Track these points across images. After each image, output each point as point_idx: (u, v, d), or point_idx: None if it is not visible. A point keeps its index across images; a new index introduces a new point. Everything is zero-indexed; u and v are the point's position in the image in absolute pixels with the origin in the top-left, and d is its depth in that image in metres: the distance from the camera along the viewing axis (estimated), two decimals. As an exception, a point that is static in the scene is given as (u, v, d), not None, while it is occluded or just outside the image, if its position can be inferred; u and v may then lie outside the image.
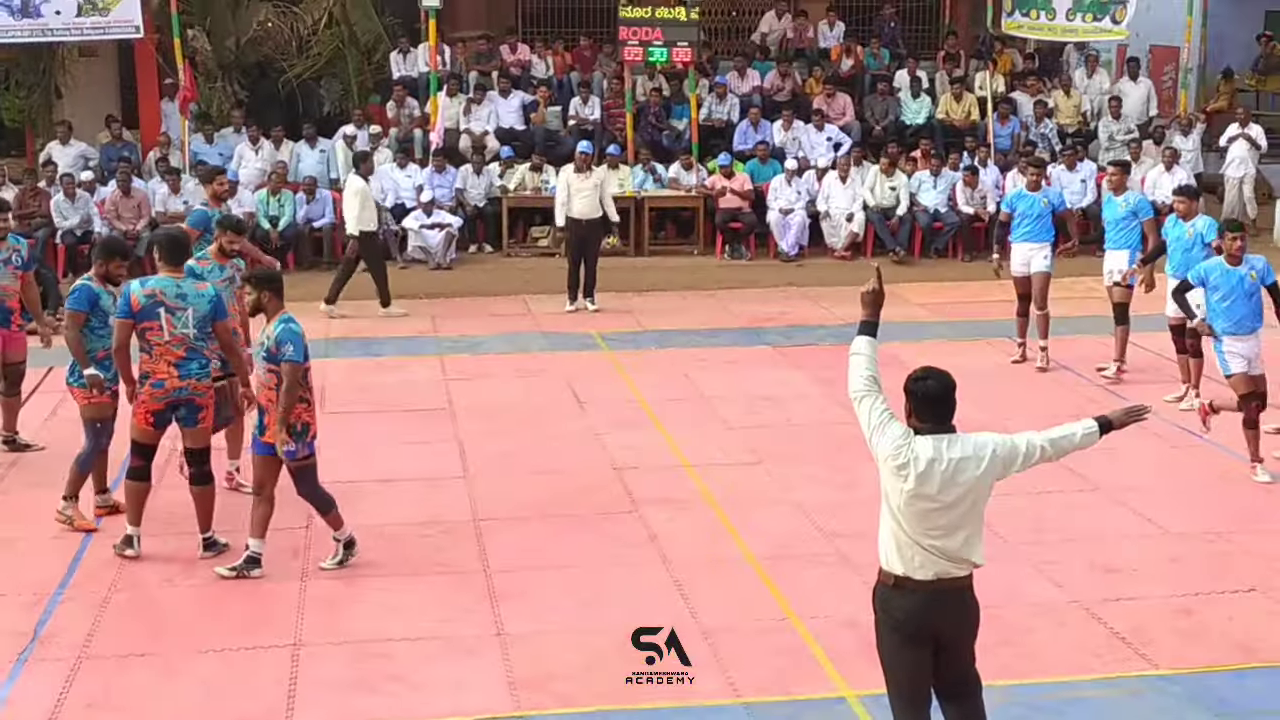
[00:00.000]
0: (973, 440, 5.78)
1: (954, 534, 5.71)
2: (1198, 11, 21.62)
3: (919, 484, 5.68)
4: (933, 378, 5.83)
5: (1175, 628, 7.91)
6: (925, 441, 5.73)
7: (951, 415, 5.79)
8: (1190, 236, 11.73)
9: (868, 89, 21.21)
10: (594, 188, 15.97)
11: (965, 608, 5.86)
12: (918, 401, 5.81)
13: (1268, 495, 9.98)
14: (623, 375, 13.34)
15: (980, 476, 5.72)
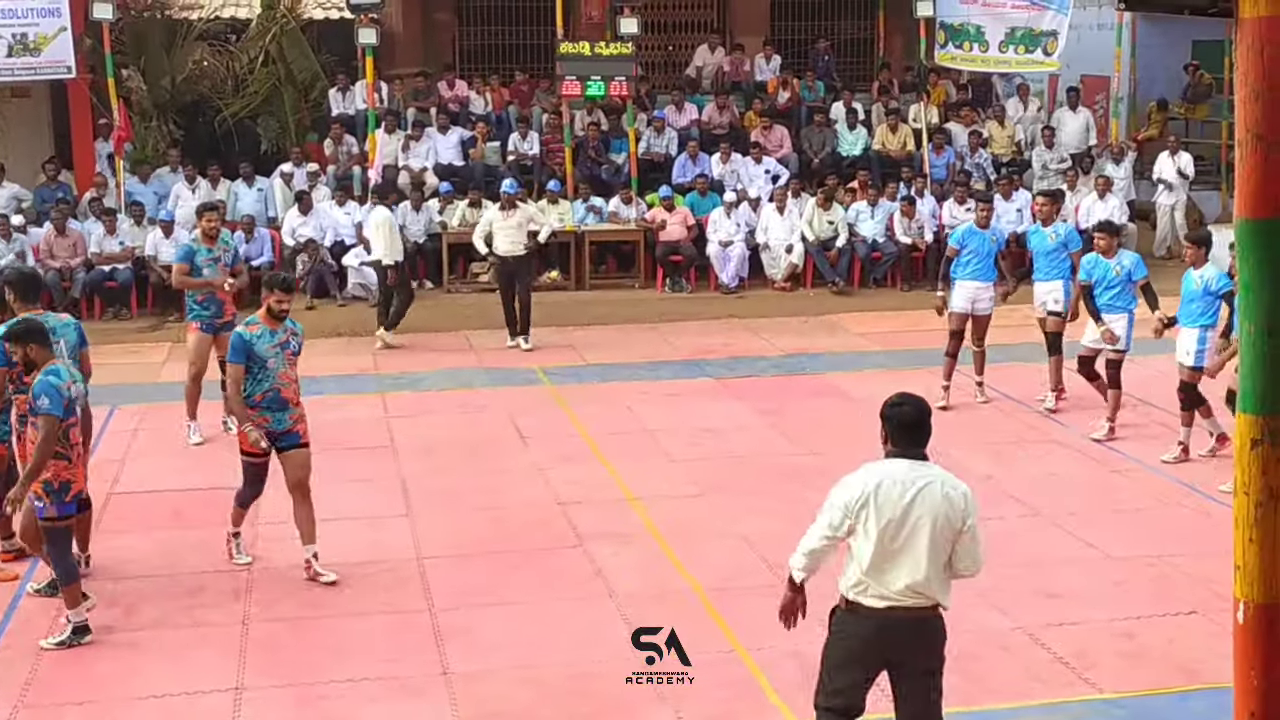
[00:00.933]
0: (945, 475, 5.80)
1: (909, 565, 5.69)
2: (1126, 42, 22.03)
3: (878, 508, 5.69)
4: (909, 403, 5.85)
5: (1118, 651, 7.97)
6: (892, 464, 5.78)
7: (926, 441, 5.83)
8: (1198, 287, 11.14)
9: (804, 121, 21.38)
10: (518, 226, 15.91)
11: (921, 636, 5.85)
12: (894, 427, 5.84)
13: (1206, 518, 10.09)
14: (565, 409, 13.33)
15: (944, 512, 5.69)
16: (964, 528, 5.72)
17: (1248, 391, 3.64)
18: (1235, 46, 3.49)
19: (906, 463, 5.77)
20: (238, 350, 8.91)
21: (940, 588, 5.78)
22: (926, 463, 5.79)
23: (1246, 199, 3.55)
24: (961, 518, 5.71)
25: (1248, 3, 3.38)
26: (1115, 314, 11.87)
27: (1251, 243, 3.59)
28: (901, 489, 5.70)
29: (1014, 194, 19.05)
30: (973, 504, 5.78)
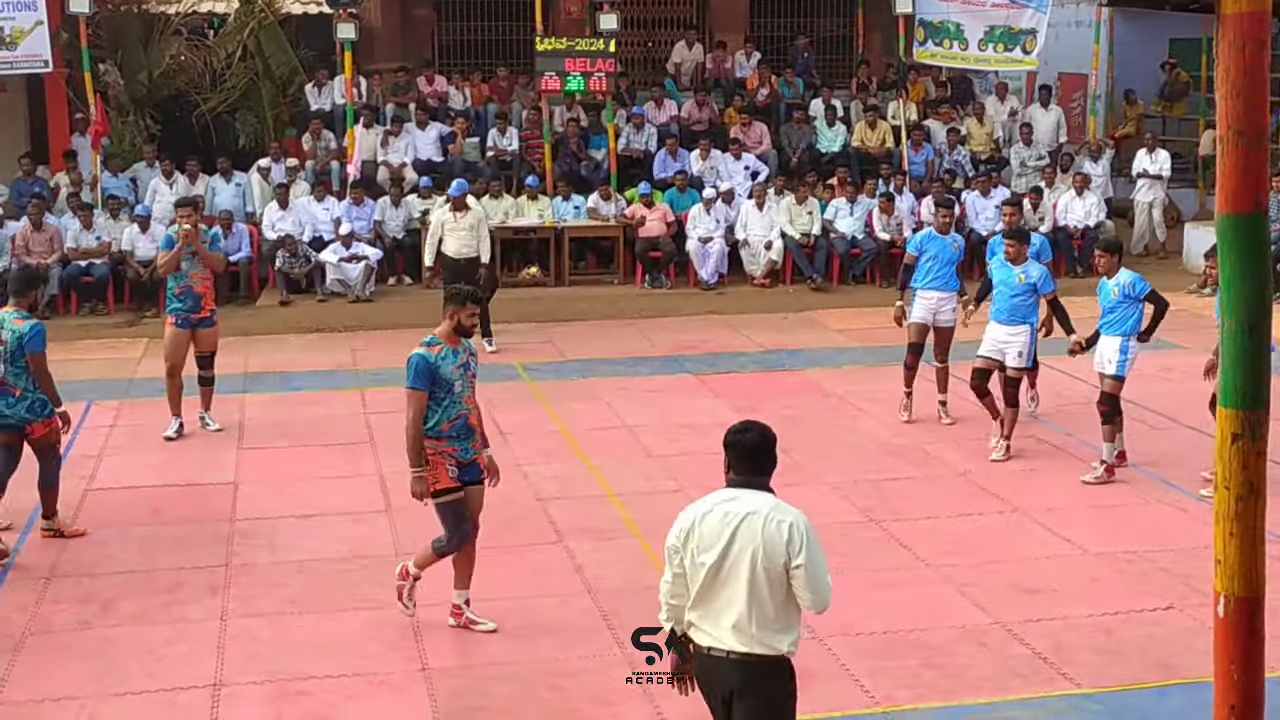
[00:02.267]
0: (776, 506, 5.35)
1: (734, 604, 5.29)
2: (1104, 40, 22.09)
3: (700, 542, 5.35)
4: (751, 431, 5.51)
5: (1095, 647, 7.99)
6: (723, 494, 5.42)
7: (767, 471, 5.45)
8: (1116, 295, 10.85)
9: (783, 118, 21.41)
10: (469, 228, 15.43)
11: (749, 685, 5.34)
12: (734, 455, 5.45)
13: (1182, 514, 10.14)
14: (545, 406, 13.32)
15: (765, 546, 5.24)
16: (791, 562, 5.23)
17: (1228, 386, 3.65)
18: (1217, 43, 3.50)
19: (738, 493, 5.37)
20: (421, 375, 8.10)
21: (773, 630, 5.30)
22: (762, 493, 5.36)
23: (1228, 194, 3.56)
24: (785, 552, 5.22)
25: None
26: (1016, 325, 11.41)
27: (1232, 238, 3.60)
28: (723, 522, 5.31)
29: (993, 191, 19.11)
30: (802, 535, 5.25)
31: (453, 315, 8.34)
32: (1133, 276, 10.91)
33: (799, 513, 5.35)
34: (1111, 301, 10.87)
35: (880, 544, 9.61)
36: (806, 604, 5.31)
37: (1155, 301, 10.78)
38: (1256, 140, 3.50)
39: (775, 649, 5.32)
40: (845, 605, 8.47)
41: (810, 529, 5.31)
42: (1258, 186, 3.55)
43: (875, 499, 10.52)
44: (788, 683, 5.44)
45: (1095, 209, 19.46)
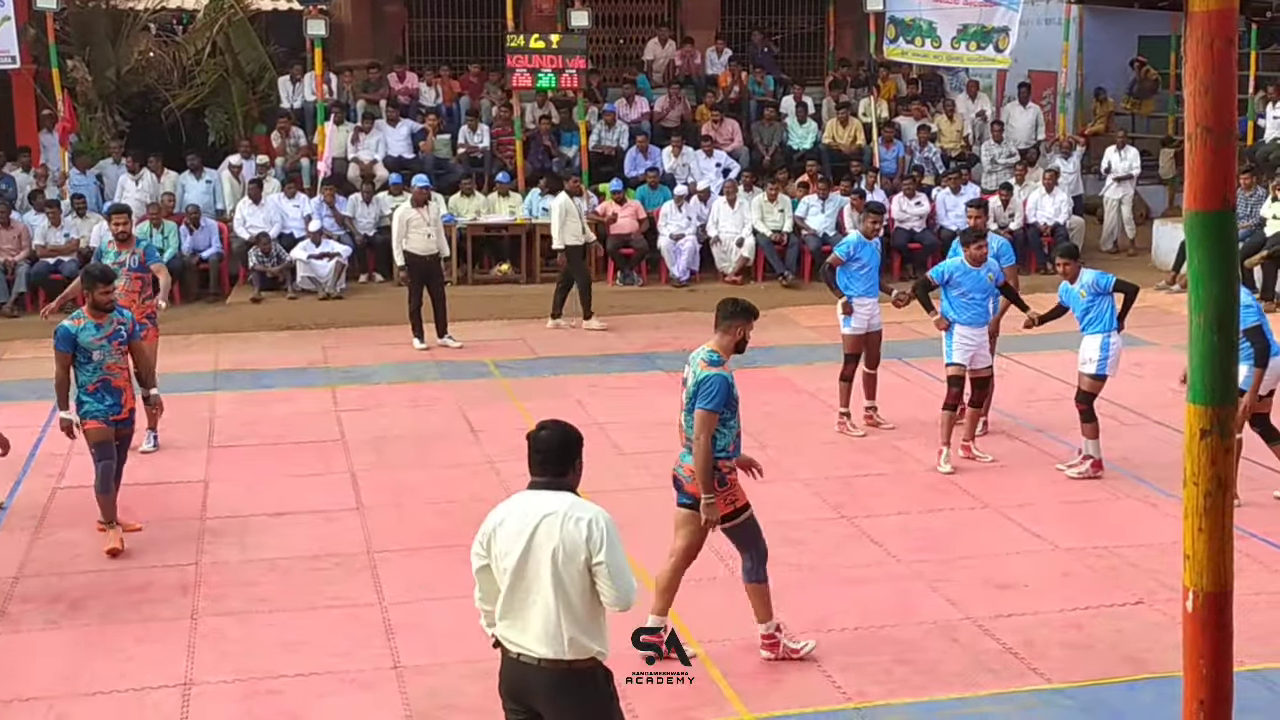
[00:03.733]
0: (575, 504, 5.24)
1: (540, 607, 5.18)
2: (1074, 37, 22.18)
3: (501, 545, 5.26)
4: (548, 429, 5.37)
5: (1066, 641, 8.02)
6: (523, 495, 5.31)
7: (566, 470, 5.32)
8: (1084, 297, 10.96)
9: (755, 115, 21.43)
10: (432, 223, 15.44)
11: (562, 693, 5.24)
12: (532, 454, 5.32)
13: (1152, 510, 10.19)
14: (516, 403, 13.30)
15: (565, 545, 5.14)
16: (592, 559, 5.12)
17: (1196, 383, 3.67)
18: (1185, 40, 3.51)
19: (538, 494, 5.26)
20: (719, 395, 7.49)
21: (585, 633, 5.20)
22: (561, 492, 5.24)
23: (1196, 191, 3.57)
24: (586, 549, 5.11)
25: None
26: (983, 327, 11.44)
27: (1201, 235, 3.61)
28: (522, 523, 5.20)
29: (964, 188, 19.18)
30: (602, 532, 5.13)
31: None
32: (1094, 274, 11.05)
33: (599, 509, 5.24)
34: (1083, 303, 10.95)
35: (851, 540, 9.63)
36: (609, 601, 5.18)
37: (1123, 289, 10.93)
38: (1224, 137, 3.52)
39: (588, 651, 5.22)
40: (817, 601, 8.54)
41: (610, 525, 5.18)
42: (1225, 183, 3.57)
43: (846, 495, 10.54)
44: (605, 686, 5.34)
45: (1065, 206, 19.54)
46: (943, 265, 11.71)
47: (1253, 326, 9.80)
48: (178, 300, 17.73)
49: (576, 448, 5.38)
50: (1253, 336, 9.76)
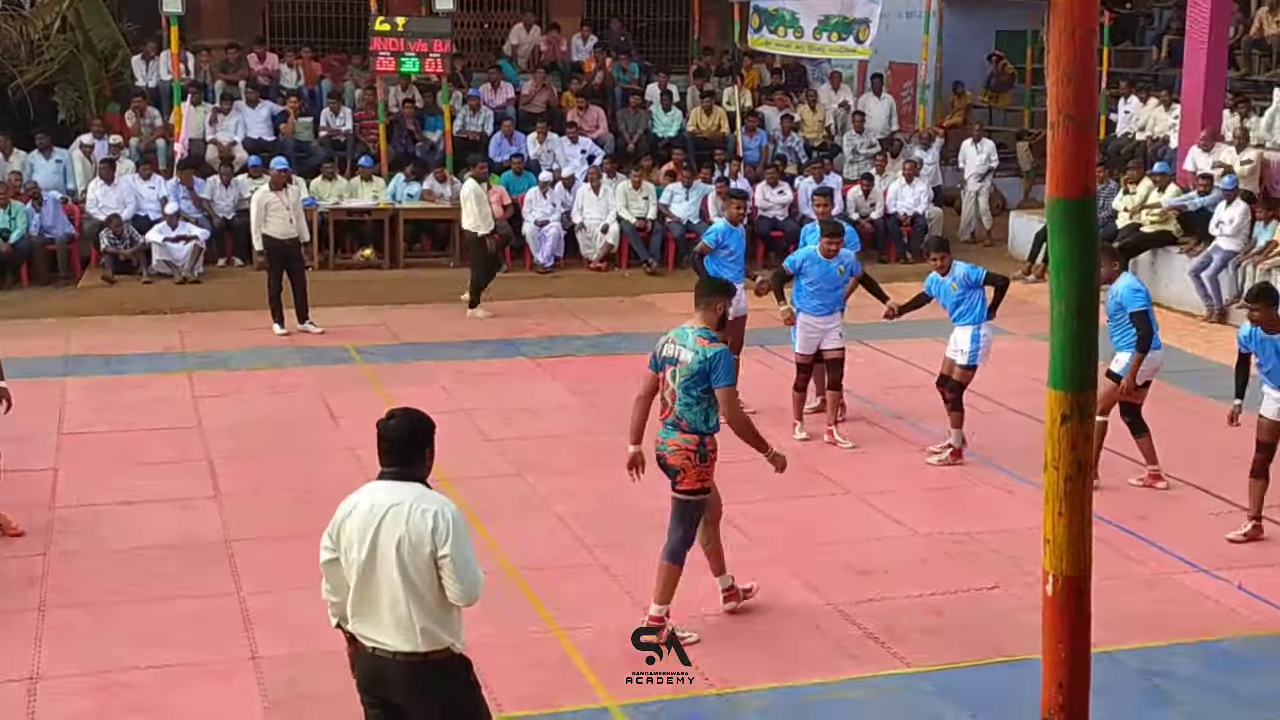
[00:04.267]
0: (423, 494, 5.16)
1: (389, 599, 5.11)
2: (934, 31, 22.54)
3: (349, 537, 5.17)
4: (396, 418, 5.25)
5: (925, 626, 8.13)
6: (371, 486, 5.23)
7: (414, 460, 5.22)
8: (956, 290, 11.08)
9: (620, 102, 21.42)
10: (292, 206, 15.17)
11: (418, 685, 5.18)
12: (379, 443, 5.22)
13: (1009, 496, 10.37)
14: (379, 389, 13.12)
15: (411, 537, 5.06)
16: (438, 552, 5.05)
17: (1057, 369, 3.71)
18: (1046, 31, 3.55)
19: (386, 484, 5.17)
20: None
21: (437, 624, 5.13)
22: (408, 483, 5.15)
23: (1058, 179, 3.61)
24: (431, 541, 5.04)
25: (1061, -14, 3.45)
26: (832, 315, 11.56)
27: (1063, 222, 3.65)
28: (370, 515, 5.12)
29: (825, 177, 19.36)
30: (450, 524, 5.06)
31: None
32: (965, 267, 11.22)
33: (445, 500, 5.17)
34: (954, 296, 11.12)
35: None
36: (454, 596, 5.10)
37: (993, 282, 11.11)
38: (1086, 125, 3.57)
39: (442, 643, 5.15)
40: (682, 588, 8.51)
41: (458, 517, 5.11)
42: (1087, 171, 3.61)
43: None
44: (465, 675, 5.29)
45: (924, 196, 19.83)
46: (797, 254, 11.84)
47: (1139, 311, 10.07)
48: (25, 282, 17.28)
49: (426, 437, 5.26)
50: (1138, 321, 10.03)
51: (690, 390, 7.61)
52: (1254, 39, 20.31)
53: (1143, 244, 17.04)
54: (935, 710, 7.15)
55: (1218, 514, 9.92)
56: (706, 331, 7.76)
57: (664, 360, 7.81)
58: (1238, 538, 9.37)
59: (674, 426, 7.70)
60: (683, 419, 7.65)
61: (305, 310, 15.39)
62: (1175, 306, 16.38)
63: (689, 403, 7.62)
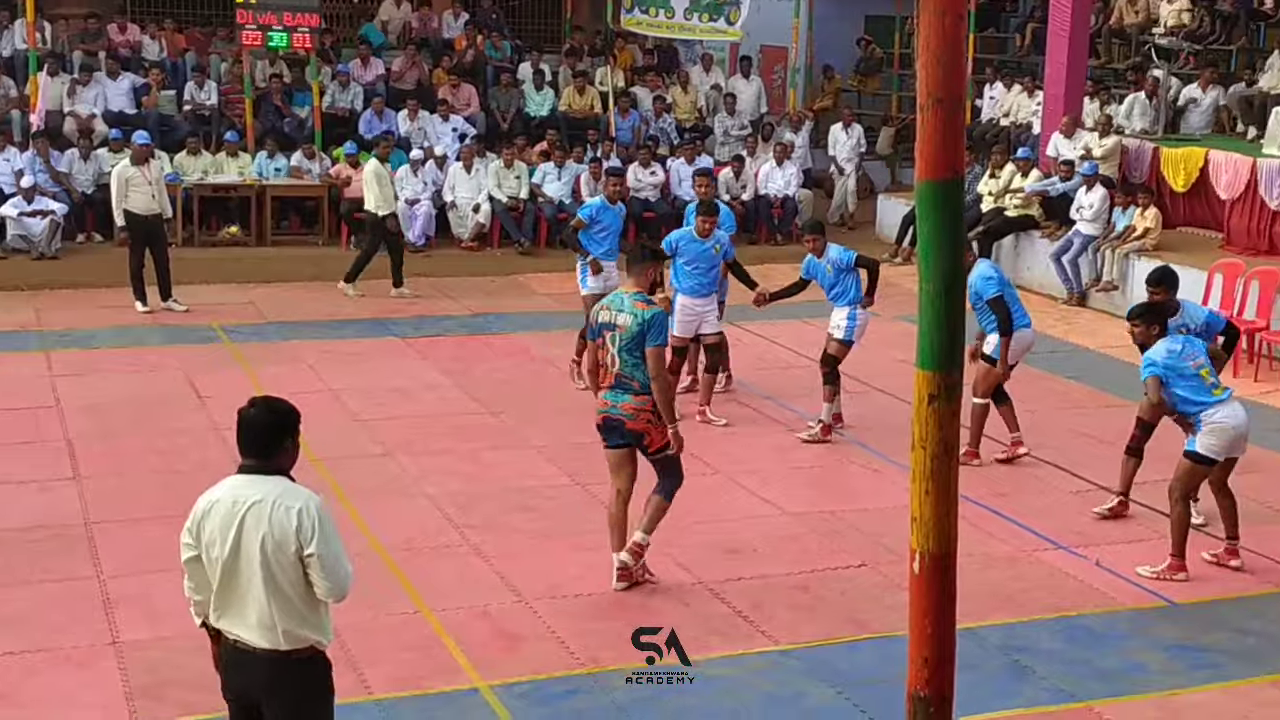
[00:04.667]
0: (286, 489, 5.00)
1: (254, 596, 4.99)
2: (804, 14, 22.73)
3: (209, 533, 5.00)
4: (256, 408, 5.08)
5: (793, 604, 8.22)
6: (231, 480, 5.04)
7: (275, 452, 5.04)
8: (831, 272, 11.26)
9: (492, 80, 21.28)
10: (154, 182, 14.85)
11: (279, 683, 5.07)
12: (242, 435, 5.05)
13: (876, 476, 10.52)
14: (246, 369, 12.91)
15: (275, 534, 4.92)
16: (304, 550, 4.92)
17: (925, 349, 3.76)
18: (916, 16, 3.58)
19: (247, 478, 5.01)
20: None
21: (302, 623, 5.02)
22: (270, 476, 4.99)
23: (927, 160, 3.65)
24: (295, 538, 4.90)
25: (932, -31, 3.48)
26: (709, 296, 11.66)
27: (931, 203, 3.69)
28: (230, 510, 4.96)
29: (697, 159, 19.43)
30: (315, 521, 4.93)
31: None
32: (839, 250, 11.41)
33: (310, 495, 5.02)
34: (830, 278, 11.32)
35: (587, 507, 9.65)
36: (322, 592, 4.99)
37: (865, 265, 11.31)
38: (955, 107, 3.60)
39: (306, 641, 5.06)
40: (552, 568, 8.54)
41: (323, 513, 4.98)
42: (955, 154, 3.66)
43: (581, 462, 10.54)
44: (323, 679, 5.20)
45: (794, 179, 20.00)
46: (673, 234, 11.89)
47: (994, 297, 10.29)
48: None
49: (289, 428, 5.07)
50: (995, 307, 10.26)
51: (633, 351, 7.92)
52: (1114, 28, 20.77)
53: (1006, 228, 17.36)
54: (802, 687, 7.23)
55: (1077, 492, 10.17)
56: (641, 295, 8.05)
57: (601, 327, 8.07)
58: (1103, 512, 9.60)
59: (624, 390, 7.99)
60: (633, 379, 7.95)
61: (168, 288, 15.08)
62: (1037, 289, 16.72)
63: (634, 363, 7.94)
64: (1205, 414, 8.50)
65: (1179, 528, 8.61)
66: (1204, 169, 16.64)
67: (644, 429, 8.00)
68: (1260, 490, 9.99)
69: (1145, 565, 8.73)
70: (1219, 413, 8.49)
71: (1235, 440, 8.56)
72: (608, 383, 8.05)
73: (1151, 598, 8.41)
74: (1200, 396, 8.52)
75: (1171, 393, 8.54)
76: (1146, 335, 8.84)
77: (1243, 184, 15.97)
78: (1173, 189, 17.07)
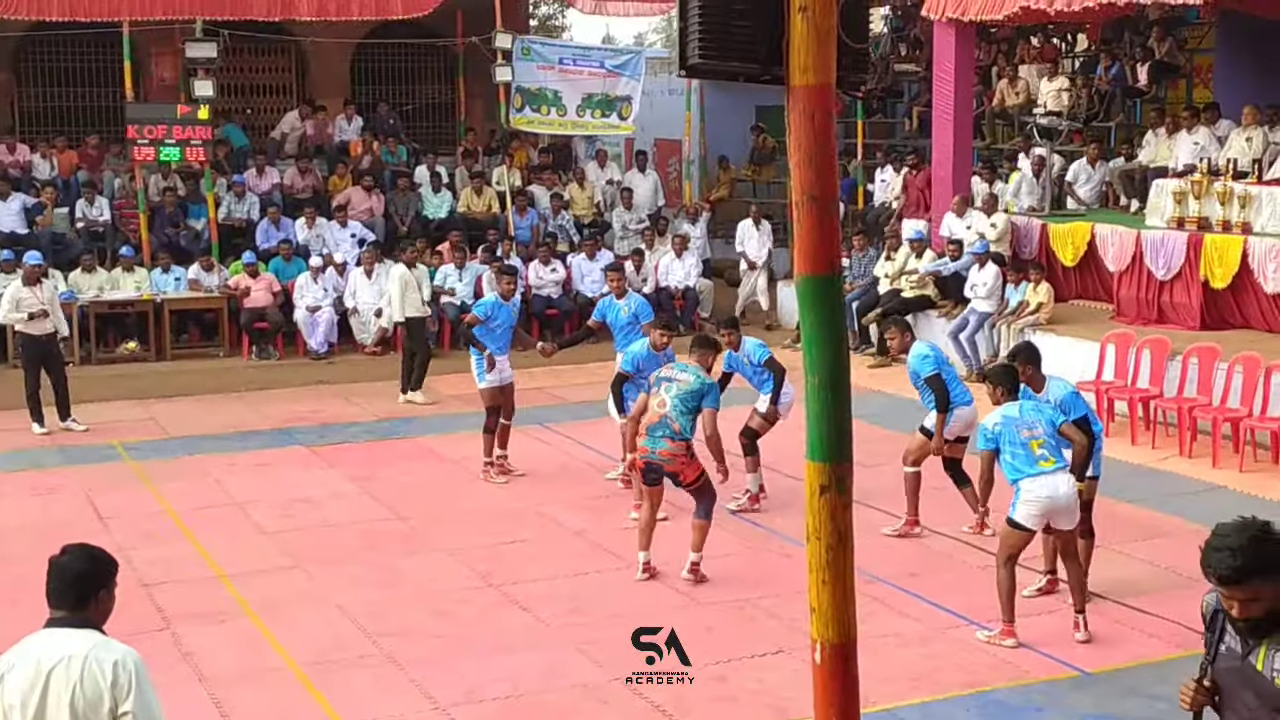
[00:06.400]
0: (98, 643, 4.64)
1: None
2: (696, 106, 23.08)
3: (9, 697, 4.63)
4: (72, 554, 4.81)
5: (712, 695, 8.19)
6: (38, 637, 4.71)
7: (85, 603, 4.72)
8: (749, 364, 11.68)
9: (389, 185, 21.33)
10: (48, 302, 14.70)
11: None
12: (48, 581, 4.77)
13: (788, 560, 10.54)
14: (149, 486, 12.74)
15: (86, 692, 4.56)
16: (118, 708, 4.55)
17: (814, 441, 3.81)
18: (789, 112, 3.68)
19: (54, 632, 4.66)
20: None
21: None
22: (82, 629, 4.65)
23: (805, 257, 3.73)
24: (110, 695, 4.53)
25: (797, 71, 3.57)
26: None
27: (811, 299, 3.77)
28: (35, 670, 4.58)
29: (598, 254, 19.60)
30: (132, 677, 4.57)
31: None
32: (755, 344, 11.75)
33: (127, 650, 4.65)
34: (749, 370, 11.65)
35: (500, 608, 9.61)
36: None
37: (772, 368, 11.59)
38: (828, 205, 3.70)
39: None
40: (467, 672, 8.47)
41: (141, 668, 4.61)
42: (832, 248, 3.74)
43: (494, 563, 10.52)
44: None
45: (694, 269, 20.18)
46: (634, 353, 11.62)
47: (931, 376, 10.53)
48: None
49: (104, 577, 4.73)
50: (933, 385, 10.46)
51: (687, 402, 9.67)
52: (997, 110, 21.30)
53: (904, 309, 17.61)
54: (724, 779, 7.20)
55: (984, 567, 10.25)
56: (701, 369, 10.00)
57: (661, 380, 9.89)
58: (1032, 594, 9.65)
59: (665, 435, 9.67)
60: (676, 423, 9.63)
61: (67, 407, 14.87)
62: (937, 367, 16.94)
63: (684, 412, 9.66)
64: (1023, 482, 8.68)
65: (1004, 593, 8.76)
66: (1091, 242, 17.05)
67: (679, 469, 9.73)
68: (1164, 554, 10.18)
69: (983, 629, 8.92)
70: (1036, 483, 8.64)
71: (1049, 511, 8.70)
72: (650, 421, 9.66)
73: (1064, 668, 8.50)
74: (1024, 466, 8.69)
75: (1001, 459, 8.75)
76: (994, 396, 9.05)
77: (1129, 256, 16.38)
78: (1063, 263, 17.46)
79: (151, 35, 20.21)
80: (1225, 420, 12.81)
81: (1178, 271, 15.76)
